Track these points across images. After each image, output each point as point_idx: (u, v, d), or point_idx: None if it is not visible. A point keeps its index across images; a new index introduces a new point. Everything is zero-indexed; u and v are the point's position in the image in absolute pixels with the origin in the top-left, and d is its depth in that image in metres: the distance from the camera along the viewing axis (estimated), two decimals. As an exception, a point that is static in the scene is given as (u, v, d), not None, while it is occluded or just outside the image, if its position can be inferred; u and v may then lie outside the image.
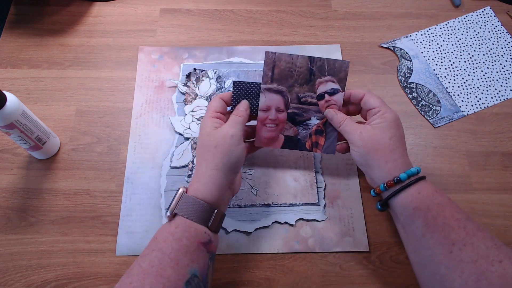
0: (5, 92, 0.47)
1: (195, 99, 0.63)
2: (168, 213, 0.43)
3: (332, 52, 0.67)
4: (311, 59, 0.49)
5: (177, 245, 0.41)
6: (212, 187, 0.44)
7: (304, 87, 0.50)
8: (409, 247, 0.45)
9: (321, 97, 0.50)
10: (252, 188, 0.57)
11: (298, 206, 0.56)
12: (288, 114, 0.51)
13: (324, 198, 0.56)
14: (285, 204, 0.56)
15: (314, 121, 0.51)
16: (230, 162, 0.45)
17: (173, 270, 0.39)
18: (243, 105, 0.50)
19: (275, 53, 0.49)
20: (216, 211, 0.44)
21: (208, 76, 0.64)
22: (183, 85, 0.63)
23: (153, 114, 0.62)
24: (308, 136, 0.52)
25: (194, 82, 0.64)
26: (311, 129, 0.51)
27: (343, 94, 0.50)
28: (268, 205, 0.56)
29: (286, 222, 0.55)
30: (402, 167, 0.45)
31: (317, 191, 0.57)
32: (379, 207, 0.48)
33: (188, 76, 0.64)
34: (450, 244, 0.40)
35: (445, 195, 0.44)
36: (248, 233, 0.54)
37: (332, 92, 0.50)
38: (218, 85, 0.64)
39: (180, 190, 0.44)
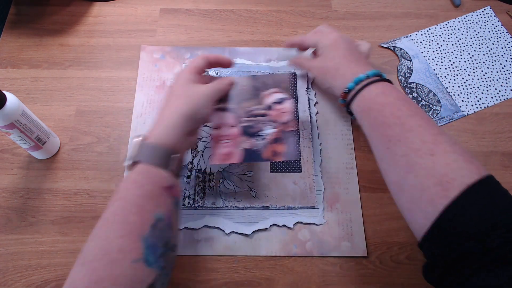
0: (5, 92, 0.47)
1: (195, 99, 0.63)
2: (130, 162, 0.43)
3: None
4: (254, 77, 0.55)
5: (140, 191, 0.40)
6: (172, 132, 0.44)
7: (251, 102, 0.54)
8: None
9: (269, 108, 0.54)
10: (251, 190, 0.57)
11: (296, 209, 0.55)
12: (241, 128, 0.53)
13: (323, 202, 0.56)
14: (284, 207, 0.56)
15: (268, 130, 0.52)
16: (196, 114, 0.46)
17: (138, 216, 0.39)
18: (229, 79, 0.53)
19: None
20: (176, 155, 0.44)
21: (207, 76, 0.65)
22: (183, 85, 0.64)
23: (154, 114, 0.61)
24: (266, 146, 0.52)
25: (194, 82, 0.64)
26: (268, 139, 0.52)
27: (294, 101, 0.56)
28: (267, 208, 0.55)
29: (284, 225, 0.54)
30: (351, 78, 0.50)
31: (316, 194, 0.56)
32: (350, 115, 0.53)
33: (188, 76, 0.65)
34: (387, 141, 0.43)
35: (393, 95, 0.46)
36: (246, 235, 0.54)
37: (280, 101, 0.54)
38: (218, 85, 0.64)
39: (140, 138, 0.44)
